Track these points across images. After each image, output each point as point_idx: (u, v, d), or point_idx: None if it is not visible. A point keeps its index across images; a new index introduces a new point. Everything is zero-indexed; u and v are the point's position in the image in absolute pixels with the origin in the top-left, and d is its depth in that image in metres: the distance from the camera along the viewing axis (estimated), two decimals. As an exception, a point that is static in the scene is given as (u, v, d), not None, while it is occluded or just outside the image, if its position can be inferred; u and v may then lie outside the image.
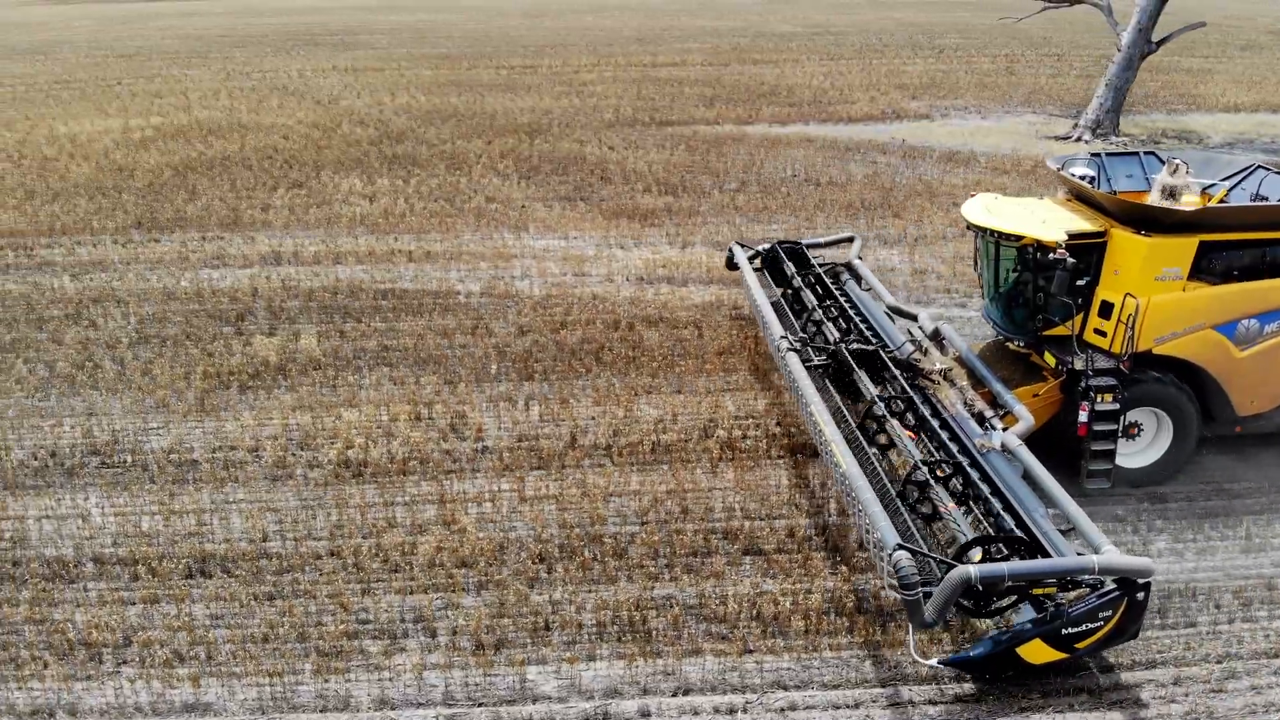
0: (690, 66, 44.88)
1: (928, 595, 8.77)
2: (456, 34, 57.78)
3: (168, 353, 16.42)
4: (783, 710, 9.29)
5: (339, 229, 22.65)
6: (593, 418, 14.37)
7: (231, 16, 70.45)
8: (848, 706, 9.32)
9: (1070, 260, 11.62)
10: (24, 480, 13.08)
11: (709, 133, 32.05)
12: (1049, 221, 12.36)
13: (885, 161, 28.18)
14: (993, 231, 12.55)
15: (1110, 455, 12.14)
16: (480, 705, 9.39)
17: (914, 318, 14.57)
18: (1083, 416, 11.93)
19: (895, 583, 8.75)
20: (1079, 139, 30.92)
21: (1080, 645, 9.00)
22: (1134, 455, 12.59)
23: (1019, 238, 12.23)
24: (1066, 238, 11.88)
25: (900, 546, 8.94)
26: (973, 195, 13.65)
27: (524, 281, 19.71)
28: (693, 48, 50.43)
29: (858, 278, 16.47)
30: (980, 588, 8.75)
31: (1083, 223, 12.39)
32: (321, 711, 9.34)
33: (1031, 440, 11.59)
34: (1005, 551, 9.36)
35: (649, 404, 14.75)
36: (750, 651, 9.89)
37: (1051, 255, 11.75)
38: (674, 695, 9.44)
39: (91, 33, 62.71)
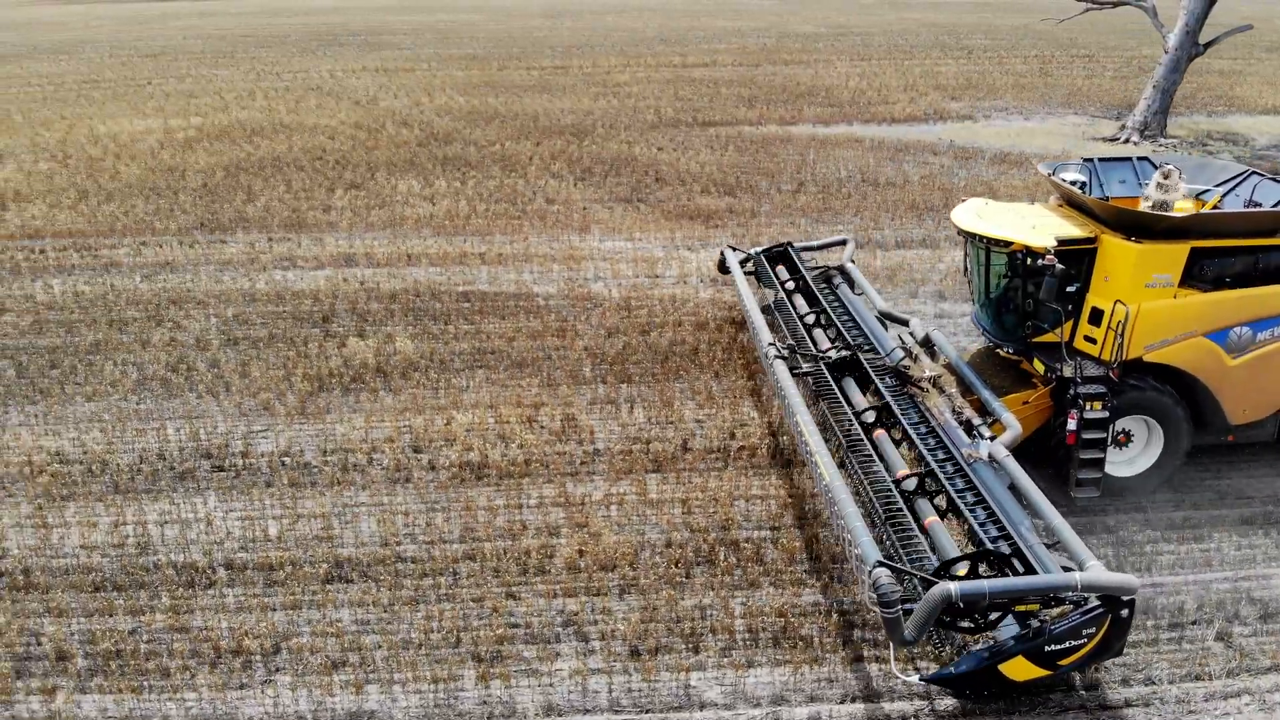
0: (721, 67, 44.84)
1: (908, 612, 8.57)
2: (480, 35, 57.69)
3: (261, 355, 16.30)
4: (956, 717, 9.20)
5: (404, 231, 22.53)
6: (699, 420, 14.27)
7: (250, 17, 70.31)
8: (1020, 712, 9.23)
9: (1059, 266, 11.38)
10: (137, 484, 12.95)
11: (753, 133, 31.99)
12: (1039, 227, 12.12)
13: (938, 163, 28.13)
14: (982, 237, 12.31)
15: (1099, 464, 11.83)
16: (647, 712, 9.30)
17: (905, 323, 14.28)
18: (1071, 425, 11.67)
19: (875, 600, 8.57)
20: (1127, 140, 30.89)
21: (1063, 662, 8.82)
22: (1124, 464, 12.36)
23: (1008, 244, 11.99)
24: (1056, 244, 11.63)
25: (880, 563, 8.75)
26: (963, 200, 13.36)
27: (598, 283, 19.61)
28: (720, 48, 50.39)
29: (850, 281, 16.20)
30: (961, 605, 8.50)
31: (1073, 229, 12.14)
32: (488, 719, 9.23)
33: (1023, 447, 11.55)
34: (988, 568, 9.14)
35: (753, 407, 14.65)
36: (914, 658, 9.80)
37: (1040, 261, 11.48)
38: (842, 703, 9.36)
39: (112, 32, 62.55)
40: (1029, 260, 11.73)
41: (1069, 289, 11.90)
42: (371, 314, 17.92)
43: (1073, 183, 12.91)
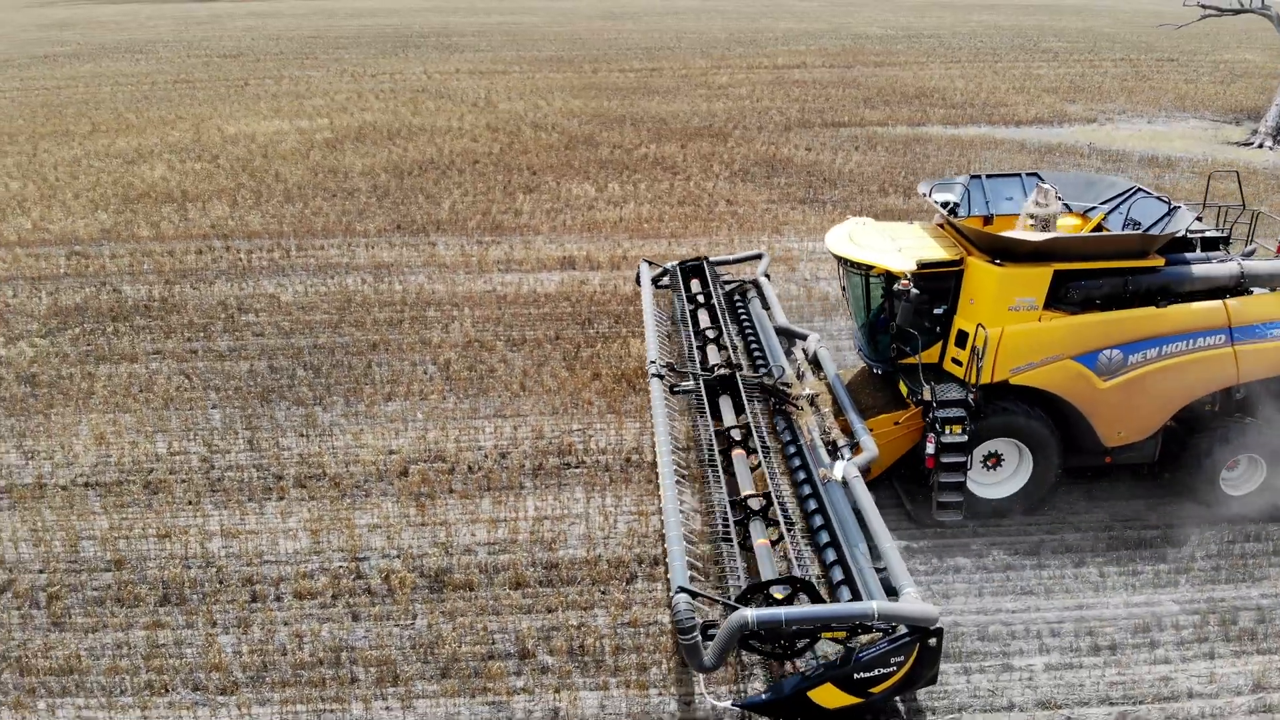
0: (814, 69, 45.14)
1: (711, 638, 8.68)
2: (550, 36, 57.84)
3: (548, 356, 16.52)
4: None
5: (604, 233, 22.76)
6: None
7: (306, 18, 70.16)
8: None
9: (914, 291, 11.30)
10: (500, 481, 13.15)
11: (886, 134, 32.31)
12: (906, 250, 12.02)
13: (1090, 164, 28.48)
14: (848, 260, 12.34)
15: (960, 487, 11.69)
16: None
17: (804, 337, 14.27)
18: (930, 449, 11.57)
19: (674, 625, 8.66)
20: (1260, 145, 31.41)
21: (874, 690, 8.77)
22: (995, 485, 12.25)
23: (870, 267, 12.05)
24: (916, 267, 11.55)
25: (682, 589, 8.81)
26: (846, 219, 13.37)
27: (830, 284, 19.79)
28: (801, 49, 50.70)
29: (762, 295, 16.25)
30: (761, 631, 8.54)
31: (941, 251, 12.03)
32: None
33: (899, 465, 12.05)
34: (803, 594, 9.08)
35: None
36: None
37: (897, 286, 11.48)
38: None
39: (172, 32, 62.42)
40: (890, 284, 11.75)
41: (936, 311, 11.86)
42: (626, 316, 18.15)
43: (943, 204, 12.80)
